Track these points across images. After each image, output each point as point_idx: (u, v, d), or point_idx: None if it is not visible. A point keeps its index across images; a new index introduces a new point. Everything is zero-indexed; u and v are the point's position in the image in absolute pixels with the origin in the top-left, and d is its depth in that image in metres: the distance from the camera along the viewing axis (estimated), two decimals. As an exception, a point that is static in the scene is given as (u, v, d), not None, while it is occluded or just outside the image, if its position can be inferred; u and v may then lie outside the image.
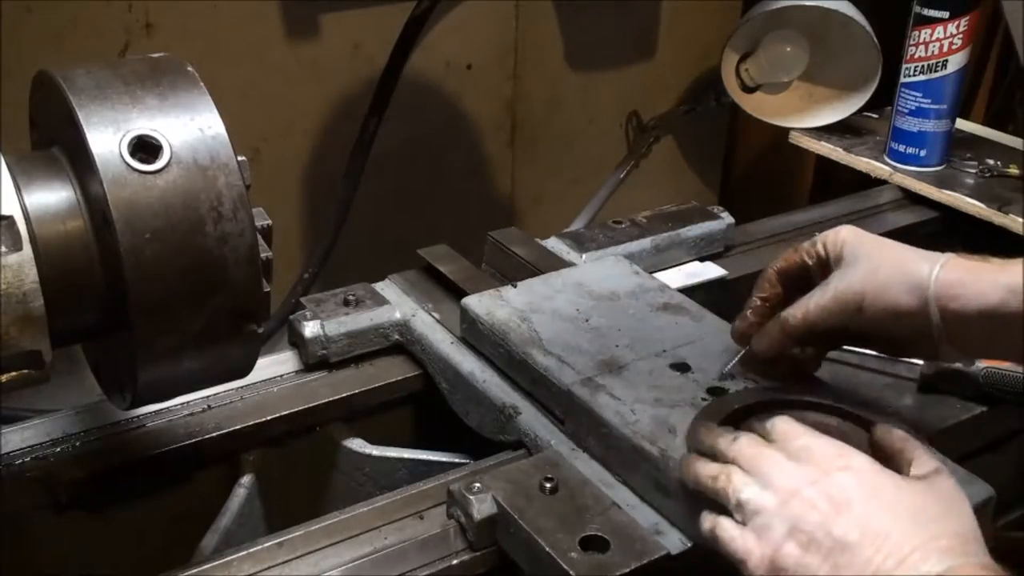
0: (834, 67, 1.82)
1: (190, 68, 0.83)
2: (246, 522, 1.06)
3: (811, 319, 0.94)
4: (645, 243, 1.37)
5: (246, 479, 1.08)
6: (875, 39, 1.72)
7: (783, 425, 0.84)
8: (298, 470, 1.14)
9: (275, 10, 1.70)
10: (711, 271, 1.38)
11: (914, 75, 1.62)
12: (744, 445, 0.84)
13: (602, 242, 1.34)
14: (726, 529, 0.81)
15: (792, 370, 0.99)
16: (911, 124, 1.64)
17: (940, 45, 1.58)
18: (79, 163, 0.78)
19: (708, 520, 0.82)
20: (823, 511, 0.76)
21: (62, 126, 0.79)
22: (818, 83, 1.85)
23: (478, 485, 0.91)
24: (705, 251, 1.40)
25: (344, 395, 1.14)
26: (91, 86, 0.78)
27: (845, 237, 0.95)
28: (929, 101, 1.62)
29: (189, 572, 0.89)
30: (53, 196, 0.78)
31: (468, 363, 1.11)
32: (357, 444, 1.13)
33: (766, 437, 0.84)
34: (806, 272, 0.97)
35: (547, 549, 0.85)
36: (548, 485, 0.91)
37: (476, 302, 1.13)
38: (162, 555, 0.95)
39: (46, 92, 0.81)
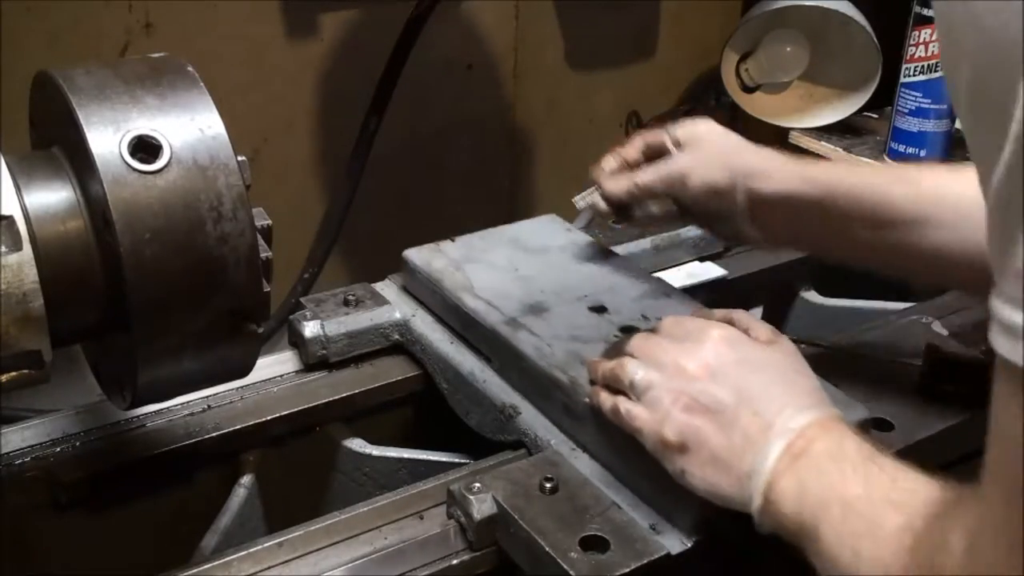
0: (834, 67, 1.82)
1: (190, 68, 0.83)
2: (246, 522, 1.06)
3: (645, 183, 1.13)
4: (645, 243, 1.37)
5: (246, 479, 1.08)
6: (875, 39, 1.72)
7: (666, 319, 0.97)
8: (298, 470, 1.14)
9: (275, 10, 1.70)
10: (711, 271, 1.38)
11: (914, 75, 1.62)
12: (634, 338, 0.96)
13: (602, 242, 1.34)
14: (622, 405, 0.91)
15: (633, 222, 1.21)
16: (911, 124, 1.65)
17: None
18: (79, 163, 0.78)
19: (608, 400, 0.92)
20: (702, 378, 0.86)
21: (62, 126, 0.79)
22: (818, 83, 1.85)
23: (478, 485, 0.91)
24: (705, 251, 1.40)
25: (344, 395, 1.14)
26: (91, 86, 0.78)
27: (697, 127, 1.13)
28: (929, 101, 1.62)
29: (189, 572, 0.89)
30: (53, 196, 0.78)
31: (468, 363, 1.11)
32: (357, 444, 1.13)
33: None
34: (665, 150, 1.13)
35: (547, 549, 0.85)
36: (548, 485, 0.91)
37: (415, 254, 1.21)
38: (162, 555, 0.95)
39: (46, 92, 0.81)
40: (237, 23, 1.66)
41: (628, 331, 1.05)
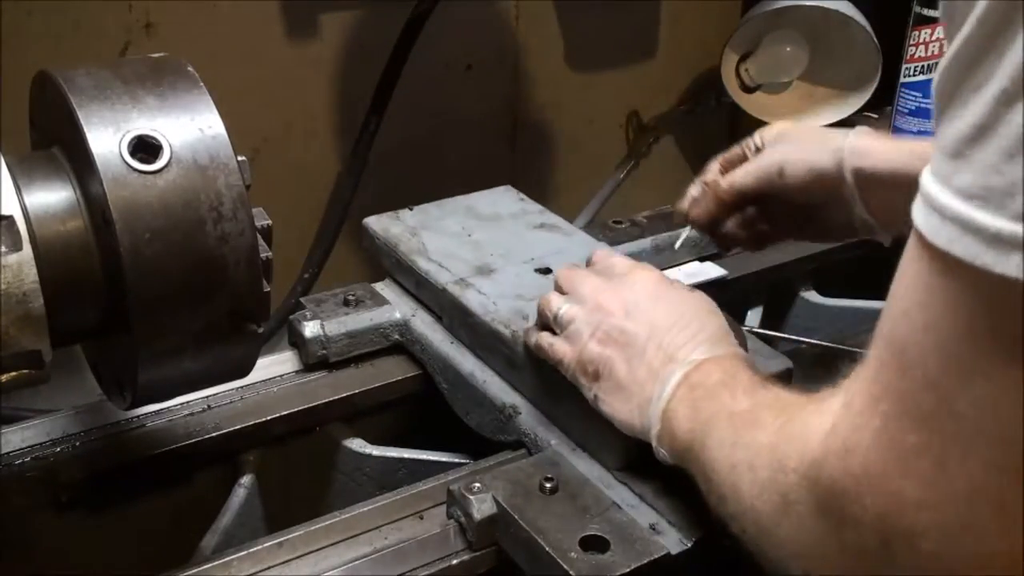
0: (834, 67, 1.82)
1: (190, 68, 0.83)
2: (246, 522, 1.06)
3: (737, 183, 1.09)
4: (645, 243, 1.37)
5: (246, 479, 1.08)
6: (875, 39, 1.72)
7: (597, 253, 1.03)
8: (298, 470, 1.14)
9: (275, 10, 1.70)
10: (711, 271, 1.38)
11: (914, 75, 1.62)
12: (563, 269, 1.01)
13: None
14: (545, 339, 0.97)
15: (729, 244, 1.16)
16: (911, 124, 1.65)
17: (940, 45, 1.58)
18: (79, 163, 0.78)
19: (533, 335, 0.99)
20: (618, 313, 0.92)
21: (62, 126, 0.79)
22: (818, 83, 1.85)
23: (478, 485, 0.91)
24: (705, 251, 1.40)
25: (344, 395, 1.14)
26: (91, 86, 0.78)
27: (778, 126, 1.11)
28: (929, 101, 1.62)
29: (189, 572, 0.90)
30: (53, 196, 0.78)
31: (468, 363, 1.11)
32: (357, 444, 1.13)
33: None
34: (746, 160, 1.11)
35: (547, 549, 0.85)
36: (548, 485, 0.91)
37: (375, 221, 1.28)
38: (162, 555, 0.95)
39: (46, 92, 0.82)
40: (237, 23, 1.66)
41: None
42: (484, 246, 1.22)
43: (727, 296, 1.34)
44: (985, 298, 0.50)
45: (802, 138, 1.08)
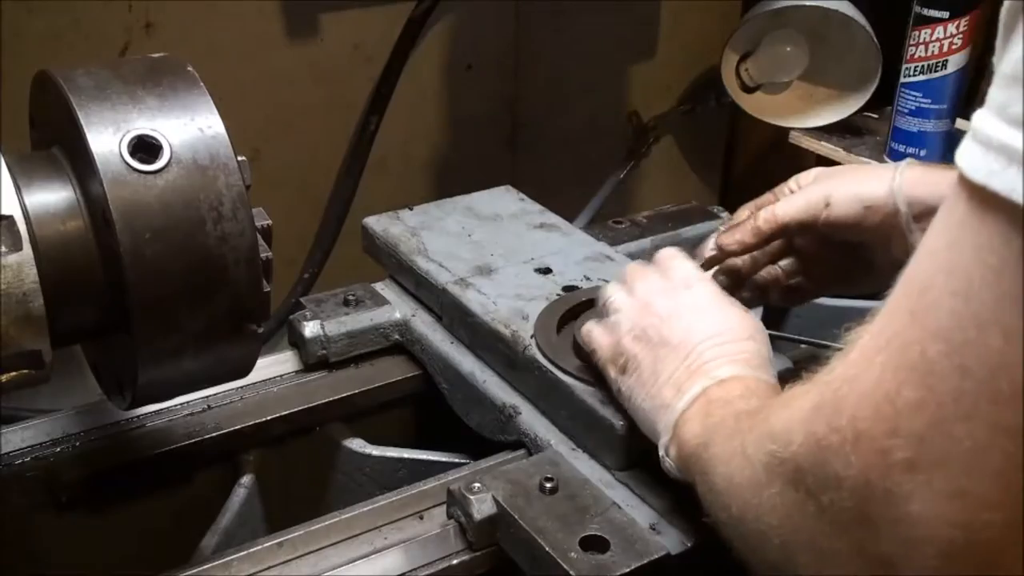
0: (834, 67, 1.82)
1: (190, 68, 0.83)
2: (246, 522, 1.06)
3: (779, 212, 1.01)
4: (645, 243, 1.37)
5: (246, 479, 1.08)
6: (875, 39, 1.72)
7: (662, 252, 0.99)
8: (298, 470, 1.14)
9: (275, 10, 1.70)
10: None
11: (914, 75, 1.62)
12: (633, 263, 1.00)
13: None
14: (589, 325, 0.97)
15: (759, 296, 1.10)
16: (911, 124, 1.65)
17: (940, 45, 1.58)
18: (79, 163, 0.78)
19: (586, 327, 0.98)
20: (661, 316, 0.91)
21: (62, 126, 0.79)
22: (818, 83, 1.85)
23: (478, 485, 0.91)
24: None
25: (344, 395, 1.14)
26: (91, 86, 0.78)
27: (816, 169, 1.04)
28: (929, 101, 1.62)
29: (189, 572, 0.89)
30: (53, 196, 0.78)
31: (468, 363, 1.11)
32: (357, 444, 1.13)
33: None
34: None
35: (547, 549, 0.85)
36: (548, 485, 0.91)
37: (375, 221, 1.28)
38: (162, 555, 0.95)
39: (46, 92, 0.81)
40: (237, 23, 1.66)
41: (569, 290, 1.13)
42: (484, 246, 1.23)
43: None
44: (1018, 240, 0.48)
45: (846, 172, 1.03)
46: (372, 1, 1.77)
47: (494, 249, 1.22)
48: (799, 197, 1.01)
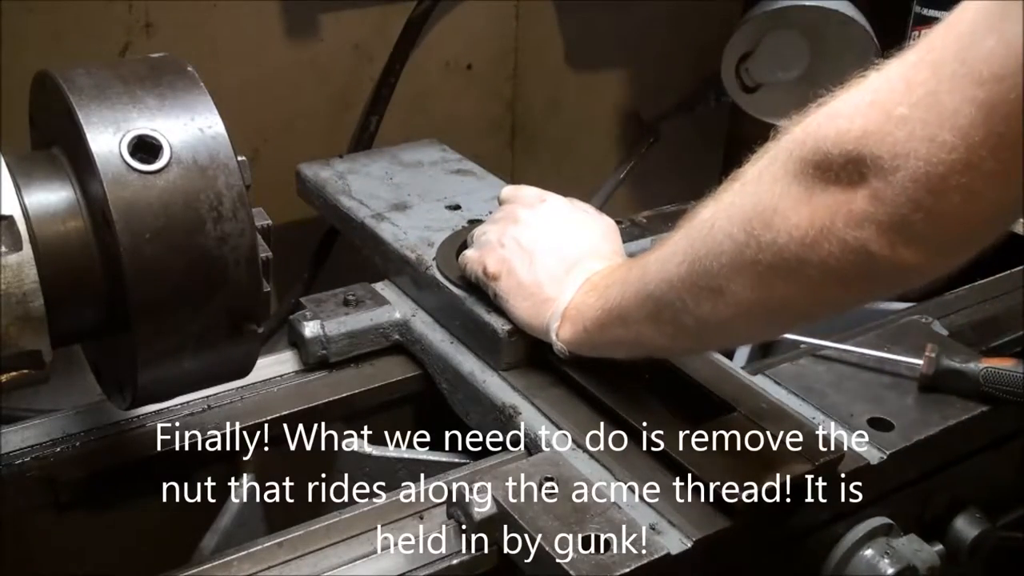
0: (834, 67, 1.81)
1: (190, 68, 0.83)
2: (246, 522, 1.06)
3: None
4: (645, 243, 1.37)
5: (246, 479, 1.08)
6: (875, 39, 1.72)
7: (508, 187, 1.18)
8: (298, 470, 1.14)
9: (275, 10, 1.70)
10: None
11: (914, 75, 1.62)
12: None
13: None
14: (464, 254, 1.12)
15: None
16: (911, 124, 1.64)
17: (940, 45, 1.57)
18: (79, 163, 0.78)
19: (461, 259, 1.12)
20: (527, 223, 1.06)
21: (62, 126, 0.79)
22: (818, 83, 1.85)
23: (478, 485, 0.91)
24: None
25: (344, 395, 1.14)
26: (91, 86, 0.78)
27: None
28: (929, 101, 1.62)
29: (189, 572, 0.89)
30: (53, 196, 0.78)
31: (468, 363, 1.11)
32: (357, 444, 1.13)
33: None
34: None
35: (547, 549, 0.85)
36: (548, 485, 0.91)
37: (307, 167, 1.47)
38: (162, 555, 0.95)
39: (46, 92, 0.81)
40: (237, 23, 1.66)
41: (474, 223, 1.24)
42: (402, 187, 1.40)
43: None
44: None
45: None
46: (372, 1, 1.77)
47: (411, 189, 1.39)
48: None
